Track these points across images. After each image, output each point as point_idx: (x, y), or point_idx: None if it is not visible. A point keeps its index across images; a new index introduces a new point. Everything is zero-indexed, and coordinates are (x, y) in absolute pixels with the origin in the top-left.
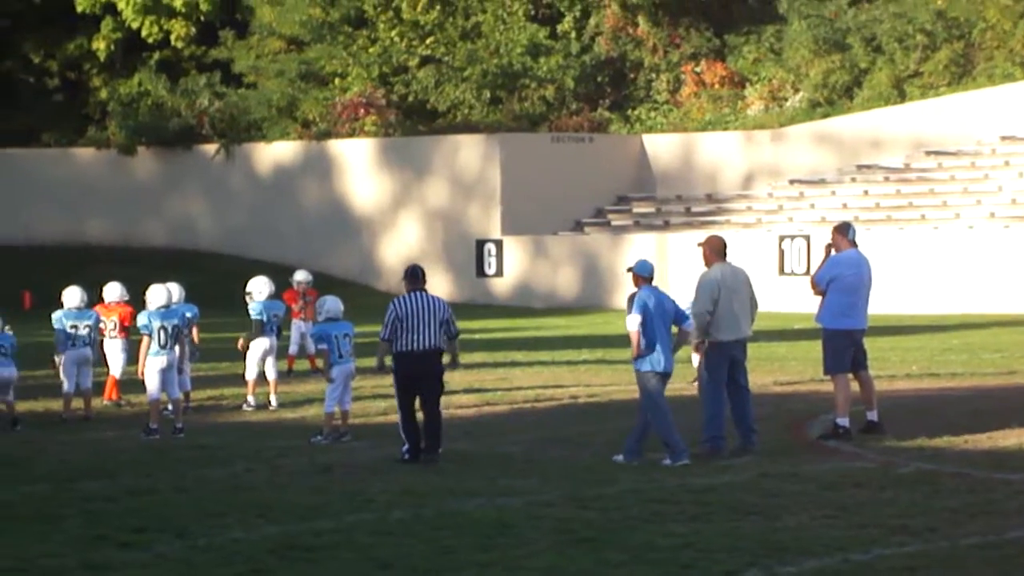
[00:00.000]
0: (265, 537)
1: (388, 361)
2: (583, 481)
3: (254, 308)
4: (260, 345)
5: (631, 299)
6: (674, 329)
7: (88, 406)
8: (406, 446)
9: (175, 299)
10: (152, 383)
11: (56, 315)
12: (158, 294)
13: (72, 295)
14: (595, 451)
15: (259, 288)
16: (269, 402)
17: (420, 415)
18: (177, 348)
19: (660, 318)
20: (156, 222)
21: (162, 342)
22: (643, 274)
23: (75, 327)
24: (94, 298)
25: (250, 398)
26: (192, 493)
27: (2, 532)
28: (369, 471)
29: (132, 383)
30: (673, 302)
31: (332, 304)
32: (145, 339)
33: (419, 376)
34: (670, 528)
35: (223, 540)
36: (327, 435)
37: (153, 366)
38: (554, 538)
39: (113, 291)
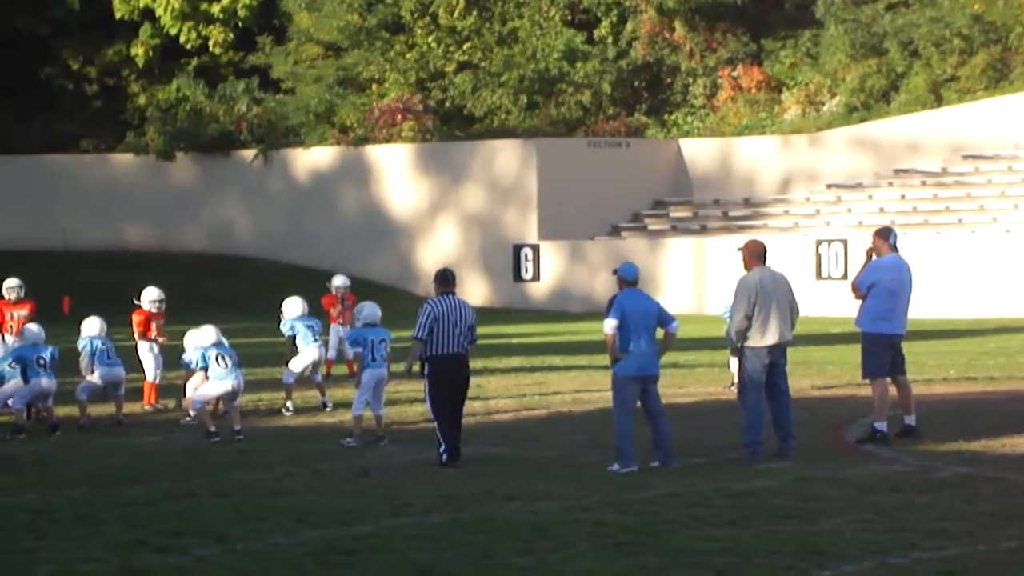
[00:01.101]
0: (304, 541)
1: (415, 367)
2: (620, 485)
3: (285, 325)
4: (309, 355)
5: (611, 302)
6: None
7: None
8: (443, 447)
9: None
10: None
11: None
12: (208, 332)
13: (92, 324)
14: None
15: (291, 307)
16: (324, 404)
17: None
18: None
19: (641, 322)
20: (194, 227)
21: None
22: (627, 277)
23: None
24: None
25: (289, 403)
26: (231, 497)
27: (42, 536)
28: (407, 475)
29: (168, 387)
30: (657, 304)
31: (370, 310)
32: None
33: (453, 378)
34: (707, 532)
35: (262, 545)
36: (356, 438)
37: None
38: (592, 542)
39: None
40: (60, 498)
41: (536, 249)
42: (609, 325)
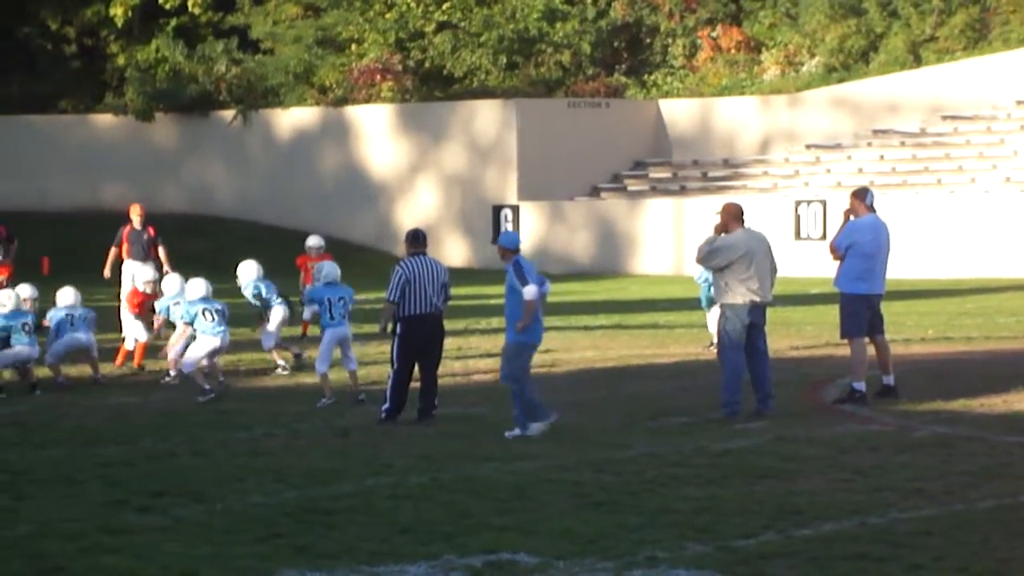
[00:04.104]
0: (284, 501)
1: (390, 327)
2: (599, 445)
3: (248, 288)
4: (279, 314)
5: (517, 270)
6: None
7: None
8: (387, 405)
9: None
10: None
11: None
12: (197, 286)
13: (67, 295)
14: (611, 415)
15: (246, 271)
16: (297, 355)
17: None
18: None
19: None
20: (174, 188)
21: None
22: (510, 246)
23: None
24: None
25: (281, 361)
26: (211, 457)
27: (22, 496)
28: (387, 435)
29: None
30: (533, 268)
31: (330, 268)
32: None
33: (426, 339)
34: (686, 492)
35: (242, 504)
36: (329, 396)
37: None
38: (570, 502)
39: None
40: (39, 458)
41: (516, 210)
42: (532, 291)
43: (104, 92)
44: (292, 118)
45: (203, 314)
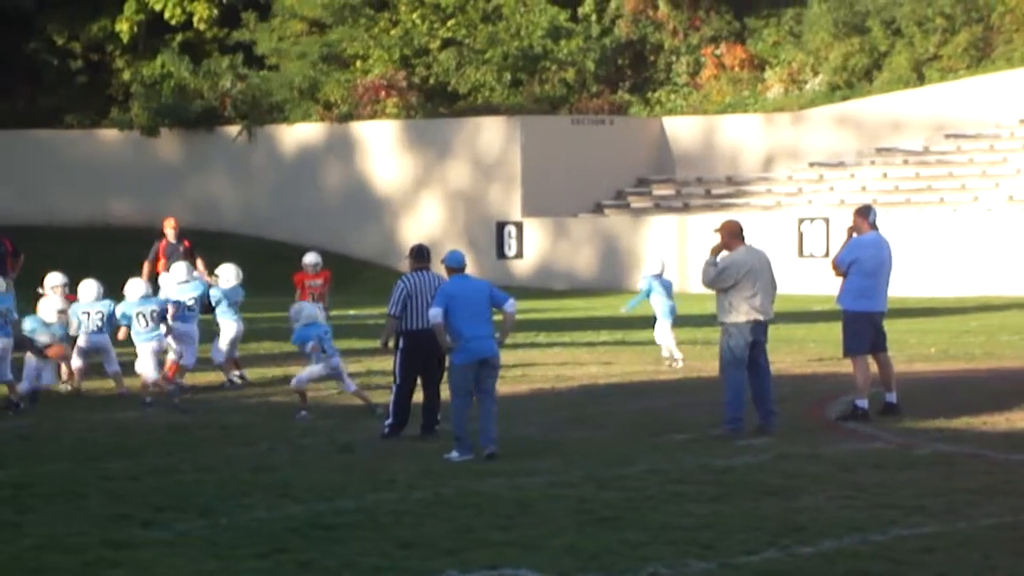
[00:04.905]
0: (287, 516)
1: (391, 343)
2: (602, 461)
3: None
4: (228, 331)
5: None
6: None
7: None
8: (390, 420)
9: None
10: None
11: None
12: (135, 287)
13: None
14: (614, 432)
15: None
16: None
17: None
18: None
19: (469, 306)
20: (179, 203)
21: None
22: (453, 265)
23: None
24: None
25: (235, 374)
26: (214, 472)
27: (25, 510)
28: (390, 451)
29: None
30: (487, 286)
31: (310, 310)
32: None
33: (428, 354)
34: (690, 508)
35: (245, 519)
36: (305, 407)
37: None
38: (574, 518)
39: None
40: (43, 472)
41: (519, 226)
42: (435, 314)
43: (110, 107)
44: (297, 134)
45: (137, 318)
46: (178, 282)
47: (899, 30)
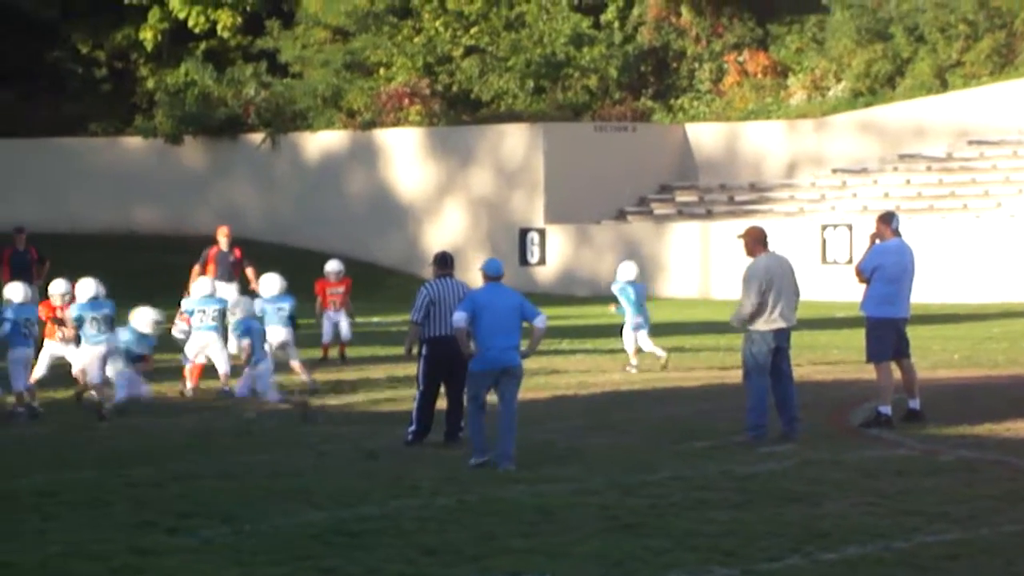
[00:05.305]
0: (311, 523)
1: (415, 349)
2: (626, 468)
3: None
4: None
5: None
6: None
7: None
8: (413, 427)
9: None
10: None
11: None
12: (86, 287)
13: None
14: (637, 439)
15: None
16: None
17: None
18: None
19: (497, 316)
20: (203, 210)
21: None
22: (490, 273)
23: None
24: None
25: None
26: (238, 479)
27: (50, 517)
28: (413, 457)
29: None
30: (520, 298)
31: (247, 303)
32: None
33: (451, 361)
34: (712, 515)
35: (269, 526)
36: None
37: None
38: (597, 525)
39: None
40: (68, 479)
41: (542, 233)
42: (458, 319)
43: (134, 115)
44: (320, 141)
45: (90, 322)
46: (203, 295)
47: (922, 36)
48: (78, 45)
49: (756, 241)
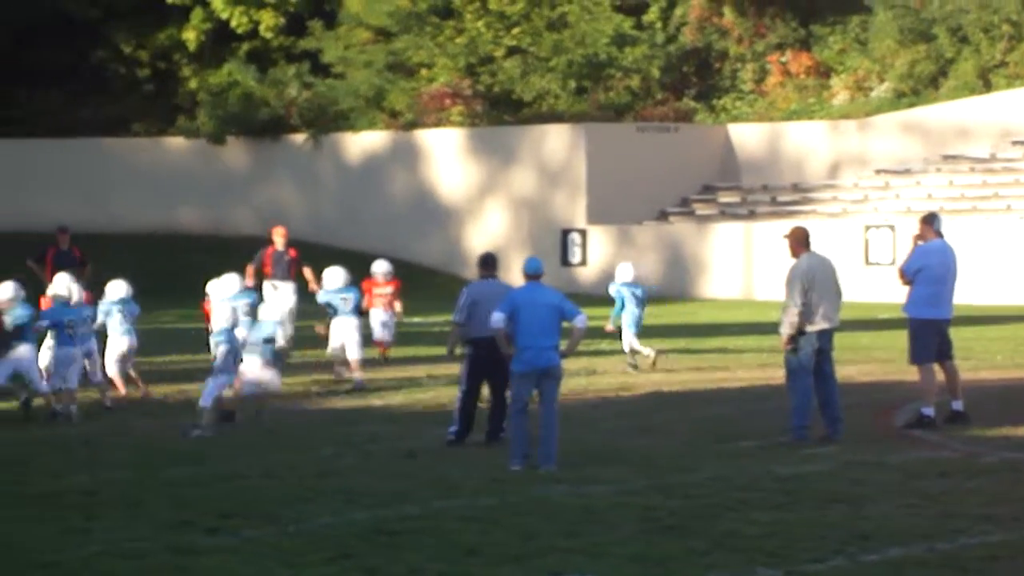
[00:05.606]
0: (353, 522)
1: (458, 350)
2: (667, 469)
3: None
4: (119, 345)
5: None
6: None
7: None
8: (455, 427)
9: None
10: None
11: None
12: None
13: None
14: (680, 440)
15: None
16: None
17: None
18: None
19: (536, 315)
20: (246, 210)
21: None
22: (528, 272)
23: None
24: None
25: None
26: (279, 479)
27: (91, 516)
28: (455, 458)
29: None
30: (560, 297)
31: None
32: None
33: (493, 361)
34: (755, 516)
35: (311, 525)
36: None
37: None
38: (639, 525)
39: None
40: (108, 479)
41: (584, 233)
42: (497, 319)
43: (176, 115)
44: (362, 142)
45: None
46: (239, 289)
47: (965, 37)
48: (121, 46)
49: (799, 242)
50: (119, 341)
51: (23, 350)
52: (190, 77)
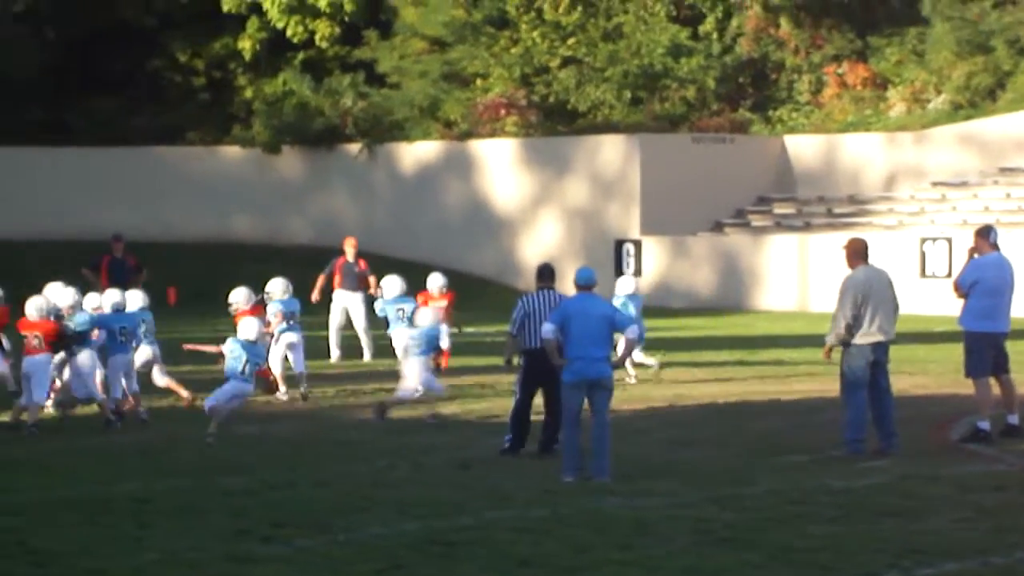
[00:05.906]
0: (405, 533)
1: (514, 360)
2: (721, 482)
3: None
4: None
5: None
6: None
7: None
8: (509, 437)
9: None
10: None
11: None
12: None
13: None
14: (734, 452)
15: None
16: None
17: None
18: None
19: (587, 326)
20: (300, 220)
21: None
22: (579, 283)
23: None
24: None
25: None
26: (332, 488)
27: (146, 525)
28: (508, 469)
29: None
30: (610, 307)
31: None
32: None
33: (546, 372)
34: (809, 530)
35: (364, 535)
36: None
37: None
38: (693, 538)
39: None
40: (163, 487)
41: (638, 244)
42: (546, 330)
43: (232, 124)
44: (417, 152)
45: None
46: (284, 291)
47: (1023, 49)
48: (177, 55)
49: (856, 253)
50: (142, 351)
51: (83, 357)
52: (245, 86)
